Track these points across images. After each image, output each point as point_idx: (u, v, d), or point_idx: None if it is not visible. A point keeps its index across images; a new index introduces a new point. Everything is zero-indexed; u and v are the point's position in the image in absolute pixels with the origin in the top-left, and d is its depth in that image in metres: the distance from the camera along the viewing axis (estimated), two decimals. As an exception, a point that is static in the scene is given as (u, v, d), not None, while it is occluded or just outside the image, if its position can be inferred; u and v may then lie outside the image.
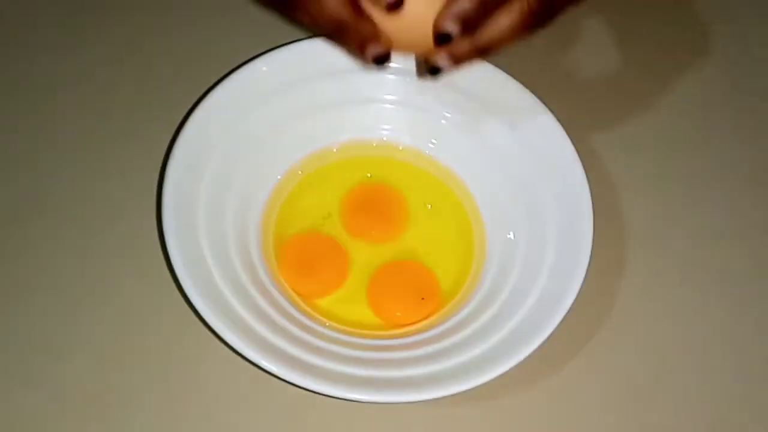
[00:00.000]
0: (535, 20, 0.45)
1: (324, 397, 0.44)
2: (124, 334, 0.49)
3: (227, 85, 0.52)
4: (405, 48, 0.46)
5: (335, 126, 0.54)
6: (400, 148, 0.55)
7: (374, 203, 0.54)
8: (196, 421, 0.47)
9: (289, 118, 0.53)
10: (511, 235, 0.51)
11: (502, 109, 0.53)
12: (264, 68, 0.53)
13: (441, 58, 0.46)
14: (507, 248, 0.51)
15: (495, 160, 0.53)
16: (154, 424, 0.46)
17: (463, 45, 0.45)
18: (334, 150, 0.55)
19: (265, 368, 0.44)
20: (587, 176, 0.51)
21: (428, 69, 0.46)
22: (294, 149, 0.54)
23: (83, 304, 0.49)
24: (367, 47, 0.45)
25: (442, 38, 0.44)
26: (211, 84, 0.52)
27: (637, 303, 0.52)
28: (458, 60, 0.46)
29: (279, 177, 0.53)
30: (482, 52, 0.46)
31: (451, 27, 0.44)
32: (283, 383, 0.44)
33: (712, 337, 0.51)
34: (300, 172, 0.54)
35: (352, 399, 0.44)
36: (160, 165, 0.52)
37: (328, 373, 0.45)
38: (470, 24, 0.44)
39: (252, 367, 0.45)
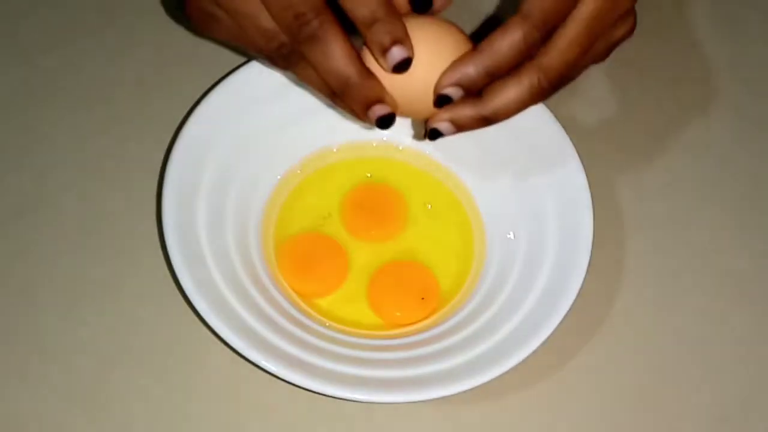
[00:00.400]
0: (545, 94, 0.45)
1: (324, 397, 0.44)
2: (124, 334, 0.48)
3: (227, 85, 0.52)
4: (408, 112, 0.46)
5: (335, 126, 0.54)
6: (400, 148, 0.55)
7: (374, 203, 0.54)
8: (196, 421, 0.47)
9: (289, 118, 0.53)
10: (511, 235, 0.51)
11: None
12: (264, 68, 0.53)
13: (441, 123, 0.45)
14: (507, 248, 0.51)
15: (495, 160, 0.53)
16: (154, 424, 0.46)
17: (465, 111, 0.44)
18: (334, 150, 0.55)
19: (265, 368, 0.44)
20: (587, 176, 0.51)
21: (427, 132, 0.46)
22: (294, 149, 0.54)
23: (83, 304, 0.49)
24: (373, 107, 0.44)
25: (441, 100, 0.44)
26: (211, 84, 0.52)
27: (637, 303, 0.52)
28: (460, 127, 0.45)
29: (279, 177, 0.53)
30: (486, 121, 0.45)
31: (452, 91, 0.43)
32: (283, 383, 0.44)
33: (712, 337, 0.51)
34: (300, 172, 0.54)
35: (352, 399, 0.44)
36: (160, 165, 0.52)
37: (328, 373, 0.45)
38: (473, 90, 0.44)
39: (252, 367, 0.45)
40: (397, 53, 0.43)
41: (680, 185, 0.56)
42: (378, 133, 0.55)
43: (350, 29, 0.44)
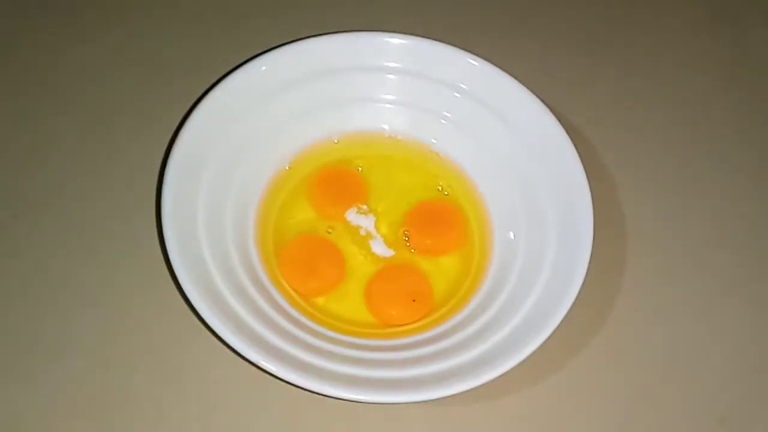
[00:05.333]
0: None
1: (324, 397, 0.44)
2: (124, 334, 0.49)
3: (227, 85, 0.52)
4: None
5: (335, 126, 0.54)
6: (402, 145, 0.55)
7: (340, 184, 0.54)
8: (195, 421, 0.47)
9: (289, 118, 0.53)
10: (512, 235, 0.51)
11: (501, 109, 0.53)
12: (263, 68, 0.53)
13: None
14: (507, 248, 0.51)
15: (495, 160, 0.53)
16: (154, 424, 0.46)
17: None
18: (334, 147, 0.55)
19: (265, 368, 0.44)
20: (587, 176, 0.51)
21: None
22: (293, 149, 0.54)
23: (83, 304, 0.49)
24: None
25: None
26: (211, 84, 0.52)
27: (637, 303, 0.52)
28: None
29: (278, 176, 0.53)
30: None
31: None
32: (283, 383, 0.44)
33: (712, 337, 0.51)
34: (299, 171, 0.54)
35: (352, 399, 0.44)
36: (160, 165, 0.52)
37: (328, 373, 0.45)
38: None
39: (252, 367, 0.45)
40: None
41: (681, 185, 0.56)
42: (379, 127, 0.55)
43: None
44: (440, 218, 0.53)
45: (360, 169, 0.55)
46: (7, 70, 0.56)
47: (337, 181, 0.54)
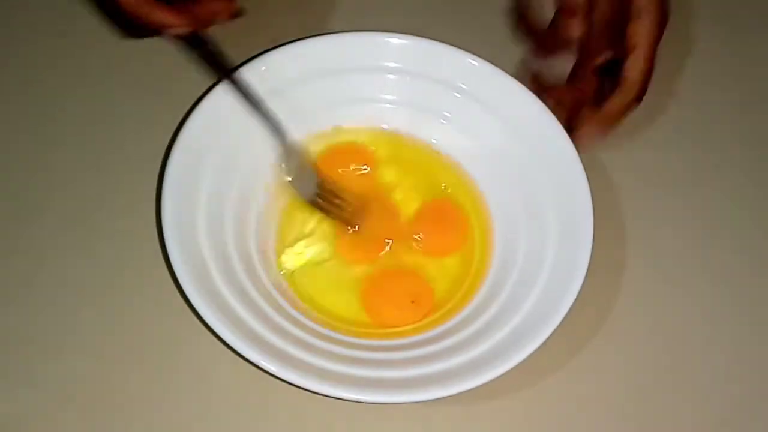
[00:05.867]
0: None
1: (324, 397, 0.44)
2: (124, 334, 0.49)
3: (227, 85, 0.52)
4: None
5: (334, 126, 0.54)
6: (405, 146, 0.55)
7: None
8: (195, 422, 0.47)
9: (289, 118, 0.53)
10: (512, 235, 0.51)
11: (501, 109, 0.53)
12: (264, 68, 0.53)
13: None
14: (507, 248, 0.51)
15: (495, 160, 0.53)
16: (154, 424, 0.46)
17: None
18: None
19: (265, 368, 0.44)
20: (587, 176, 0.50)
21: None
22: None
23: (83, 304, 0.49)
24: None
25: None
26: (210, 84, 0.52)
27: (636, 303, 0.52)
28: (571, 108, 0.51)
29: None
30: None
31: None
32: (283, 383, 0.44)
33: (712, 337, 0.51)
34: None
35: (352, 399, 0.44)
36: (159, 165, 0.52)
37: (328, 373, 0.45)
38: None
39: (252, 367, 0.45)
40: None
41: (681, 185, 0.56)
42: (384, 126, 0.55)
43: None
44: (442, 219, 0.53)
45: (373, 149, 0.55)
46: (7, 70, 0.56)
47: (345, 152, 0.54)
